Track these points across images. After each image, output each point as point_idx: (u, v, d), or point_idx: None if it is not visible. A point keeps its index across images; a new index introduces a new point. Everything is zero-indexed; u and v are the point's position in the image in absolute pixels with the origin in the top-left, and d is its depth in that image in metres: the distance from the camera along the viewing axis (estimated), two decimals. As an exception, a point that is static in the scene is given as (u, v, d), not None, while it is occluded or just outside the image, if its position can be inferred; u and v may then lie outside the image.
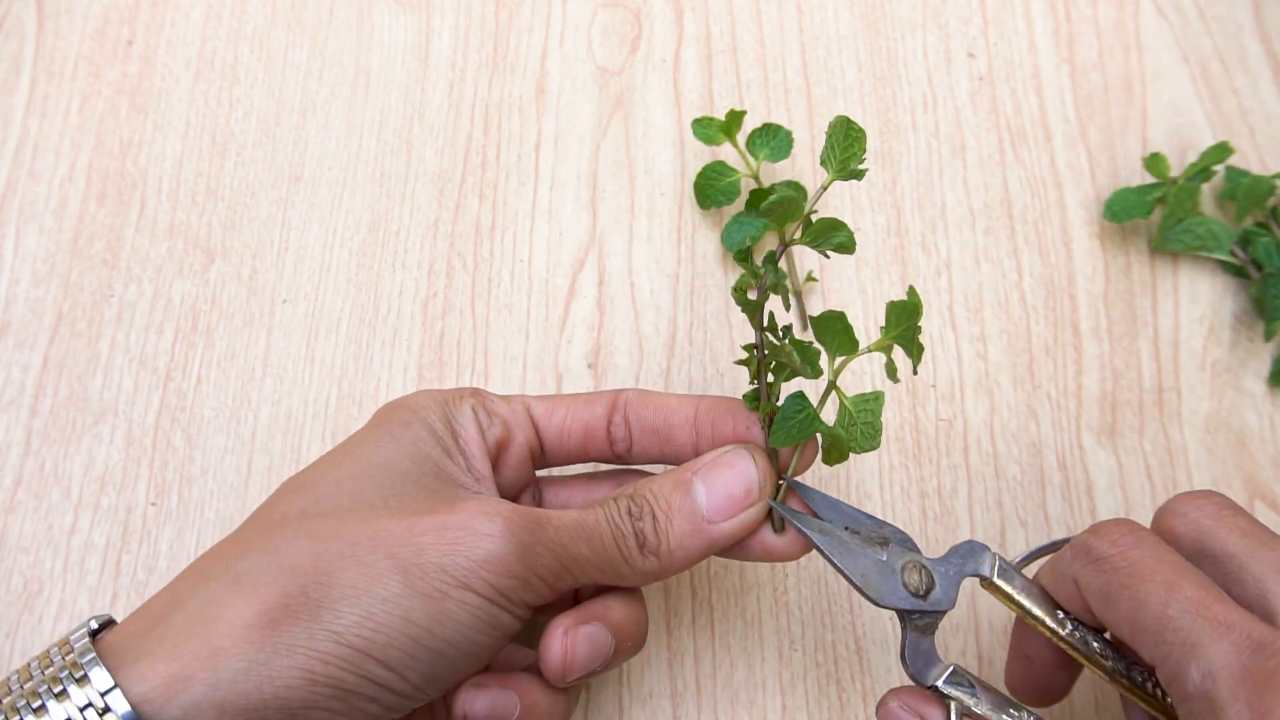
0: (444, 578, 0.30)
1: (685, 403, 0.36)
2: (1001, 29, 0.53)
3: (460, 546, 0.30)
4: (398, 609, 0.29)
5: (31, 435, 0.44)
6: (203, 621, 0.28)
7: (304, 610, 0.29)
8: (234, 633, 0.28)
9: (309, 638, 0.28)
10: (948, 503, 0.43)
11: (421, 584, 0.29)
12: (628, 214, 0.48)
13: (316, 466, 0.34)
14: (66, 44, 0.52)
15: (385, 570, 0.29)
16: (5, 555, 0.42)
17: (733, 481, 0.34)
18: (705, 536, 0.33)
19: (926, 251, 0.48)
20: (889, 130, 0.50)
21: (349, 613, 0.29)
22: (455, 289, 0.47)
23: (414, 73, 0.51)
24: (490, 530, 0.30)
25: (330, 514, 0.31)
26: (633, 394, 0.37)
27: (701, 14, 0.53)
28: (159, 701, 0.27)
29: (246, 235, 0.48)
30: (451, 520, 0.30)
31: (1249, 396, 0.45)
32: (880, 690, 0.40)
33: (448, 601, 0.30)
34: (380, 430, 0.34)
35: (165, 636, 0.28)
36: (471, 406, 0.35)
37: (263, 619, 0.28)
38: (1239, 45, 0.52)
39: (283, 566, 0.29)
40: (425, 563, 0.30)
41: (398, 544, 0.30)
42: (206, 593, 0.29)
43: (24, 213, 0.48)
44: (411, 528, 0.30)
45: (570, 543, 0.32)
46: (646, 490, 0.34)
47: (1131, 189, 0.47)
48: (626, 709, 0.40)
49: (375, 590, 0.29)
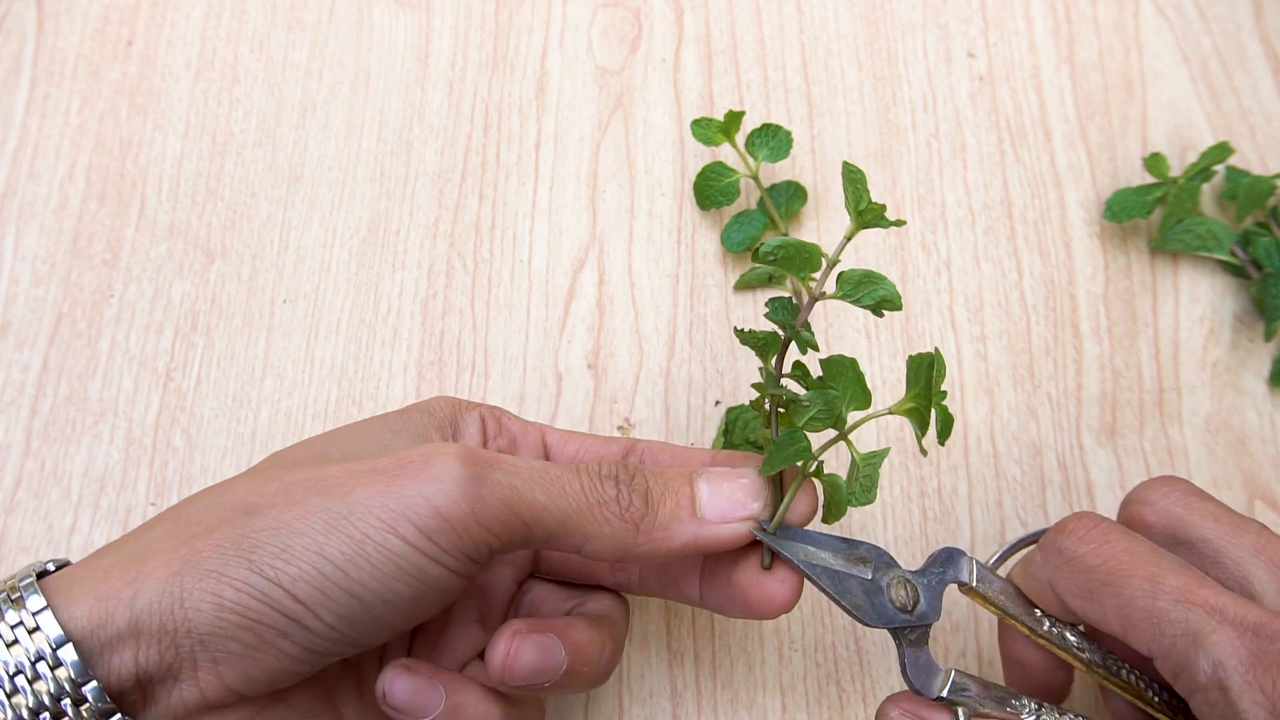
0: (369, 519, 0.29)
1: (702, 455, 0.36)
2: (1001, 29, 0.53)
3: (391, 489, 0.29)
4: (314, 545, 0.28)
5: (31, 435, 0.44)
6: (135, 554, 0.29)
7: (227, 541, 0.29)
8: (157, 562, 0.29)
9: (223, 564, 0.28)
10: (948, 503, 0.43)
11: (344, 523, 0.29)
12: (628, 214, 0.48)
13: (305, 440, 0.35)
14: (66, 44, 0.52)
15: (312, 508, 0.29)
16: (5, 555, 0.41)
17: (736, 489, 0.33)
18: (691, 529, 0.32)
19: (926, 251, 0.48)
20: (889, 130, 0.50)
21: (268, 544, 0.29)
22: (455, 289, 0.47)
23: (414, 73, 0.51)
24: (425, 474, 0.29)
25: (287, 466, 0.31)
26: (653, 443, 0.36)
27: (701, 14, 0.53)
28: (88, 625, 0.28)
29: (246, 235, 0.48)
30: (391, 463, 0.30)
31: (1249, 396, 0.45)
32: (880, 691, 0.40)
33: (367, 544, 0.28)
34: (378, 416, 0.35)
35: (99, 567, 0.29)
36: (481, 415, 0.35)
37: (185, 547, 0.29)
38: (1239, 45, 0.52)
39: (219, 504, 0.30)
40: (353, 502, 0.29)
41: (331, 484, 0.29)
42: (149, 532, 0.30)
43: (24, 213, 0.48)
44: (350, 470, 0.30)
45: (524, 486, 0.30)
46: (642, 467, 0.33)
47: (1131, 189, 0.47)
48: (626, 709, 0.40)
49: (297, 525, 0.29)
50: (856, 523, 0.42)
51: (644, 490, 0.32)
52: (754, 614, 0.34)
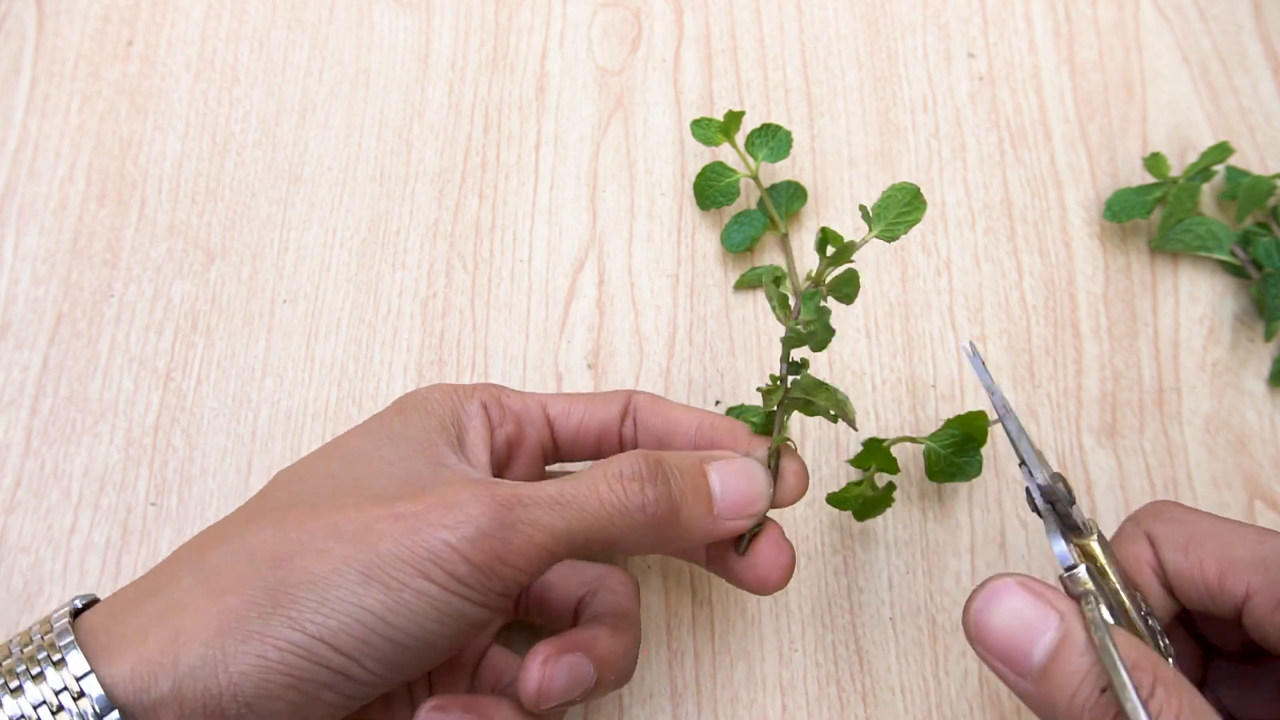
0: (402, 567, 0.29)
1: (689, 416, 0.37)
2: (1001, 29, 0.53)
3: (418, 535, 0.29)
4: (353, 596, 0.29)
5: (31, 435, 0.44)
6: (170, 611, 0.29)
7: (263, 596, 0.29)
8: (194, 621, 0.28)
9: (264, 624, 0.28)
10: (948, 503, 0.43)
11: (378, 572, 0.29)
12: (628, 214, 0.48)
13: (310, 458, 0.34)
14: (66, 44, 0.52)
15: (343, 557, 0.29)
16: (5, 555, 0.42)
17: (747, 485, 0.34)
18: (708, 526, 0.33)
19: (926, 251, 0.48)
20: (889, 130, 0.50)
21: (305, 599, 0.28)
22: (455, 289, 0.47)
23: (414, 73, 0.51)
24: (449, 520, 0.29)
25: (305, 503, 0.31)
26: (643, 399, 0.37)
27: (701, 14, 0.53)
28: (130, 690, 0.28)
29: (246, 235, 0.48)
30: (413, 508, 0.30)
31: (1249, 396, 0.45)
32: (880, 691, 0.40)
33: (404, 591, 0.29)
34: (374, 420, 0.34)
35: (136, 624, 0.29)
36: (482, 402, 0.35)
37: (221, 606, 0.28)
38: (1239, 45, 0.52)
39: (247, 556, 0.30)
40: (383, 551, 0.29)
41: (359, 531, 0.29)
42: (178, 583, 0.30)
43: (24, 213, 0.48)
44: (376, 515, 0.30)
45: (547, 519, 0.30)
46: (663, 457, 0.32)
47: (1131, 189, 0.47)
48: (626, 709, 0.40)
49: (332, 577, 0.29)
50: (857, 526, 0.42)
51: (667, 491, 0.32)
52: (751, 590, 0.35)
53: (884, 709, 0.40)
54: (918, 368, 0.45)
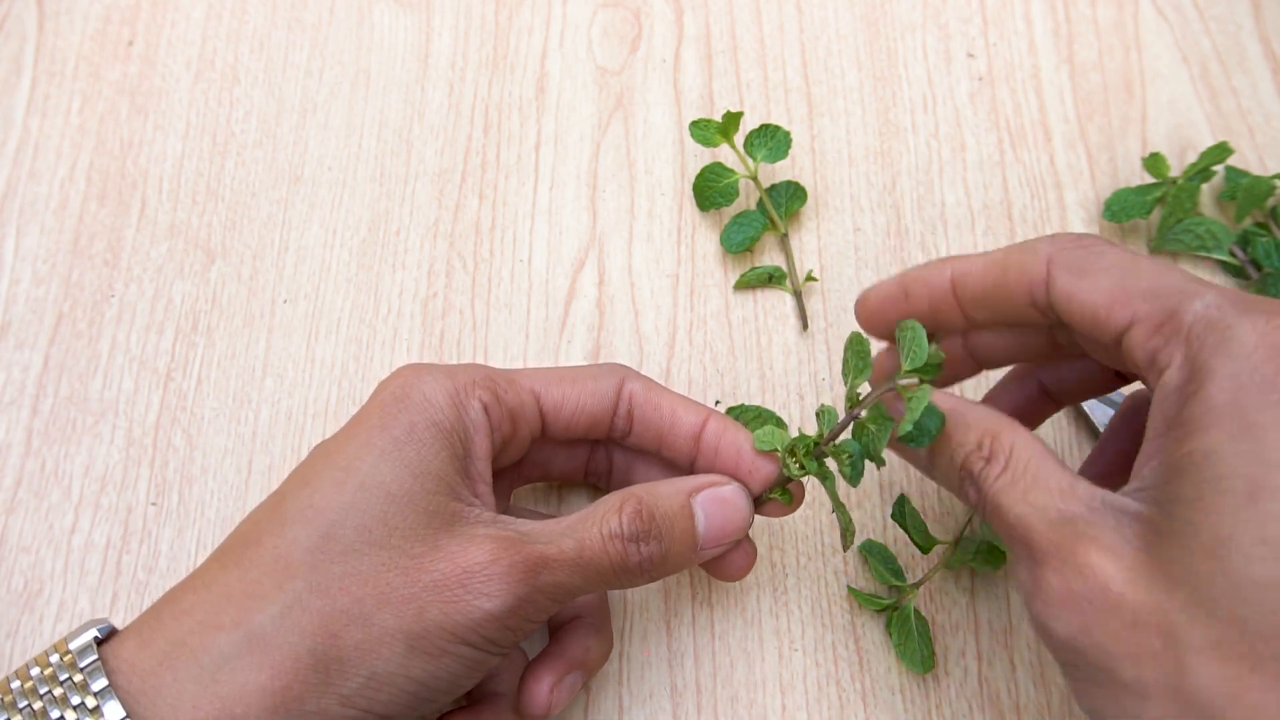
0: (445, 636, 0.31)
1: (691, 412, 0.37)
2: (1001, 29, 0.53)
3: (459, 605, 0.31)
4: (400, 669, 0.30)
5: (32, 435, 0.44)
6: (218, 683, 0.29)
7: (313, 674, 0.29)
8: (249, 701, 0.29)
9: (317, 702, 0.29)
10: (947, 503, 0.43)
11: (422, 643, 0.30)
12: (628, 214, 0.48)
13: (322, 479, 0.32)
14: (67, 44, 0.52)
15: (389, 631, 0.30)
16: (6, 555, 0.42)
17: (731, 518, 0.35)
18: (691, 560, 0.35)
19: (926, 252, 0.48)
20: (889, 130, 0.50)
21: (355, 675, 0.30)
22: (455, 289, 0.47)
23: (414, 73, 0.51)
24: (489, 590, 0.31)
25: (338, 556, 0.31)
26: (638, 389, 0.37)
27: (701, 14, 0.53)
28: None
29: (246, 235, 0.48)
30: (452, 576, 0.31)
31: (1248, 396, 0.45)
32: (880, 691, 0.40)
33: (445, 658, 0.31)
34: (385, 435, 0.33)
35: (182, 693, 0.29)
36: (484, 404, 0.34)
37: (275, 686, 0.29)
38: (1239, 45, 0.52)
39: (294, 627, 0.30)
40: (427, 623, 0.30)
41: (402, 602, 0.31)
42: (219, 648, 0.29)
43: (24, 213, 0.48)
44: (414, 583, 0.31)
45: (568, 580, 0.32)
46: (655, 508, 0.34)
47: (1131, 189, 0.47)
48: (626, 709, 0.40)
49: (380, 651, 0.30)
50: (856, 521, 0.42)
51: (658, 547, 0.34)
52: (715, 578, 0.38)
53: (884, 709, 0.40)
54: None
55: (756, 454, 0.36)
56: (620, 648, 0.40)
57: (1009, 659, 0.41)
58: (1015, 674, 0.40)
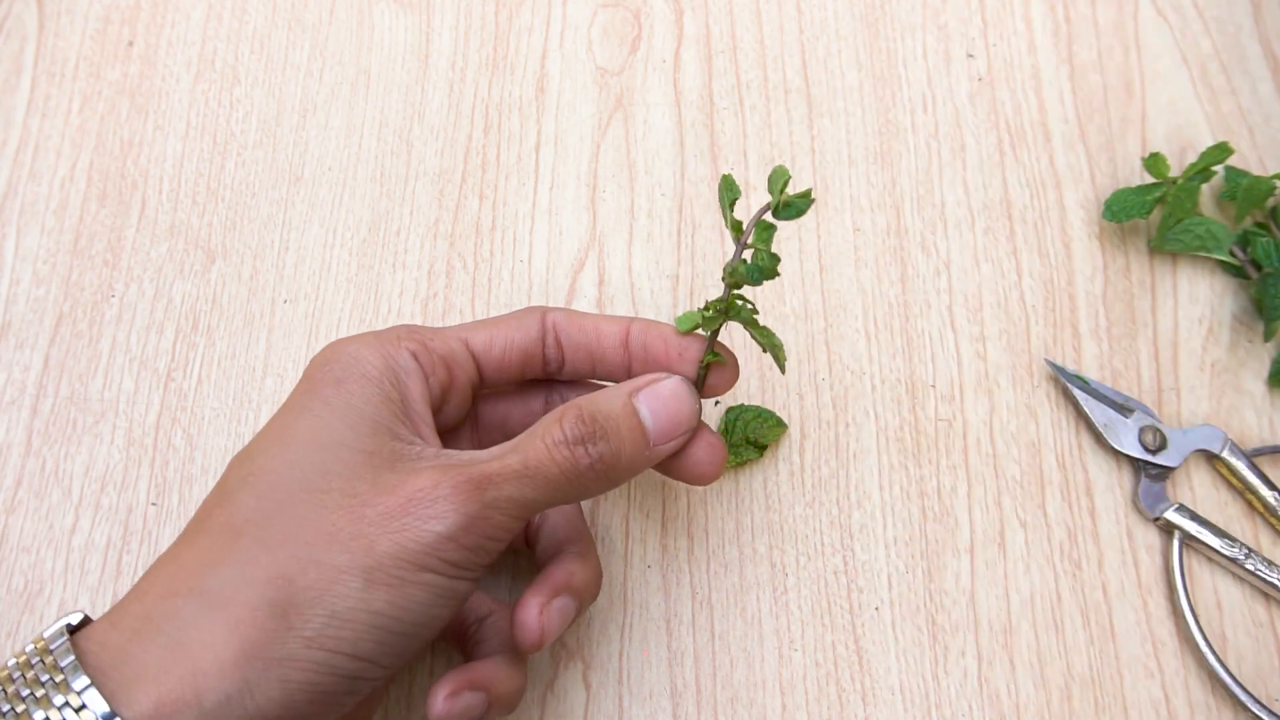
0: (400, 566, 0.30)
1: (615, 324, 0.38)
2: (1001, 29, 0.53)
3: (410, 533, 0.30)
4: (361, 603, 0.30)
5: (32, 435, 0.44)
6: (181, 645, 0.29)
7: (271, 620, 0.29)
8: (211, 655, 0.29)
9: (281, 648, 0.29)
10: (947, 502, 0.43)
11: (379, 574, 0.30)
12: (628, 214, 0.49)
13: (262, 445, 0.33)
14: (67, 44, 0.52)
15: (342, 566, 0.30)
16: (6, 555, 0.42)
17: (676, 409, 0.35)
18: (647, 458, 0.35)
19: (926, 251, 0.48)
20: (889, 130, 0.50)
21: (315, 615, 0.29)
22: (455, 289, 0.47)
23: (414, 73, 0.51)
24: (436, 511, 0.31)
25: (280, 512, 0.31)
26: (560, 315, 0.38)
27: (701, 14, 0.53)
28: None
29: (247, 235, 0.48)
30: (397, 505, 0.31)
31: (1249, 396, 0.45)
32: (880, 690, 0.40)
33: (408, 587, 0.30)
34: (315, 396, 0.34)
35: (149, 661, 0.29)
36: (412, 352, 0.35)
37: (237, 638, 0.29)
38: (1238, 46, 0.52)
39: (247, 580, 0.30)
40: (380, 554, 0.30)
41: (350, 538, 0.30)
42: (180, 613, 0.30)
43: (25, 213, 0.48)
44: (361, 517, 0.31)
45: (518, 493, 0.32)
46: (596, 411, 0.34)
47: (1131, 189, 0.47)
48: (626, 709, 0.40)
49: (336, 589, 0.30)
50: (856, 522, 0.42)
51: (608, 446, 0.33)
52: (688, 483, 0.38)
53: (884, 709, 0.40)
54: (917, 368, 0.45)
55: (682, 336, 0.37)
56: (620, 648, 0.40)
57: (1009, 659, 0.41)
58: (1015, 674, 0.40)
